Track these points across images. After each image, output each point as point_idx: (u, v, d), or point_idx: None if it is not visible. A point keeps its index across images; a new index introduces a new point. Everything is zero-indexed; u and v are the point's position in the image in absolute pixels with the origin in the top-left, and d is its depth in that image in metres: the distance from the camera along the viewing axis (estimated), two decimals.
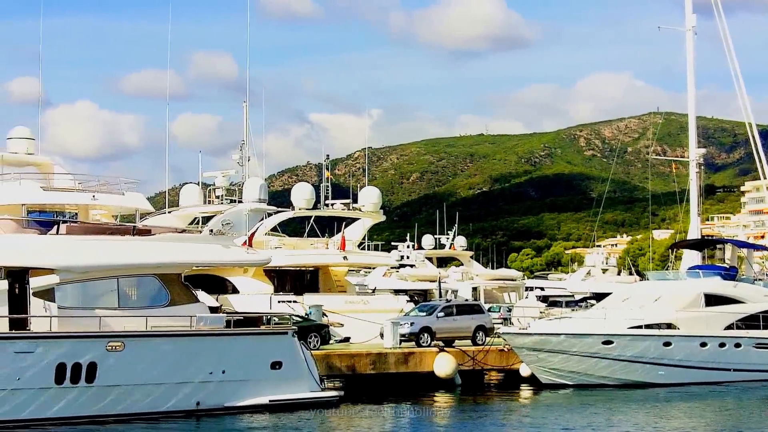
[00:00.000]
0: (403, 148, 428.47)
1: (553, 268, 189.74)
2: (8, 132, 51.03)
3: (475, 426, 38.79)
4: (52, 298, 37.29)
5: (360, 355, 48.60)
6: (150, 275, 39.86)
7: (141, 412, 37.49)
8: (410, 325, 52.96)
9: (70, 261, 37.92)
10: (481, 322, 55.75)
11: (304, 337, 46.83)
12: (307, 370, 41.96)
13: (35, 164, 50.43)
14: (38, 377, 35.56)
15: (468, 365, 51.61)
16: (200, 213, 65.88)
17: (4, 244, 37.60)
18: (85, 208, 45.66)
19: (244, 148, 68.50)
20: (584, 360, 51.49)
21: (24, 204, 41.45)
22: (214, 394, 39.36)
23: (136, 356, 37.59)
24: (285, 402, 40.78)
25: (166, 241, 41.27)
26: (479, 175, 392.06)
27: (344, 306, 59.14)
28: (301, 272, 63.83)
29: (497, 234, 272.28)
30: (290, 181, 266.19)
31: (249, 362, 40.31)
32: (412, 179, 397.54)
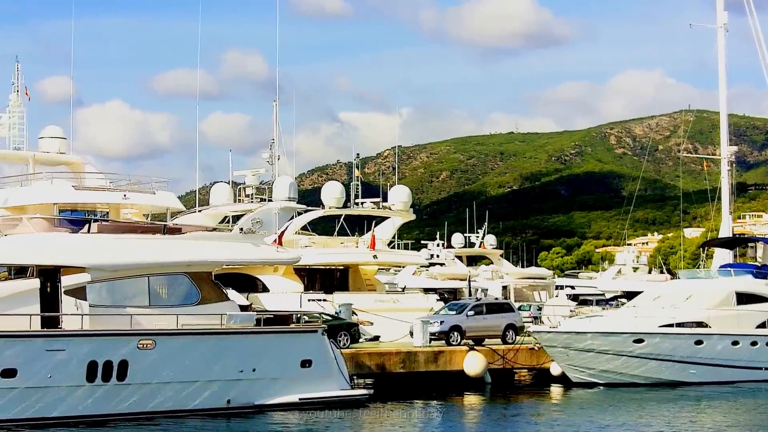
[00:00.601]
0: (433, 146, 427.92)
1: (584, 266, 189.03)
2: (40, 131, 51.38)
3: (505, 425, 38.73)
4: (84, 296, 37.48)
5: (390, 353, 48.61)
6: (180, 274, 40.01)
7: (172, 410, 37.63)
8: (440, 324, 52.94)
9: (102, 260, 38.10)
10: (511, 320, 55.66)
11: (334, 335, 46.89)
12: (337, 369, 42.01)
13: (67, 163, 50.73)
14: (70, 375, 35.76)
15: (498, 364, 51.52)
16: (230, 212, 66.13)
17: (36, 243, 37.82)
18: (116, 207, 45.90)
19: (274, 147, 68.72)
20: (615, 358, 51.31)
21: (56, 203, 41.69)
22: (245, 392, 39.48)
23: (167, 354, 37.74)
24: (315, 400, 40.84)
25: (197, 240, 41.40)
26: (509, 173, 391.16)
27: (374, 304, 59.17)
28: (331, 271, 63.91)
29: (527, 232, 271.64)
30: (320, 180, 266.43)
31: (279, 360, 40.40)
32: (442, 178, 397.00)
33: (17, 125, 49.40)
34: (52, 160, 50.08)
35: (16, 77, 50.01)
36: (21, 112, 49.91)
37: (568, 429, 37.30)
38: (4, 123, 49.69)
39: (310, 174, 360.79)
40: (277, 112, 69.58)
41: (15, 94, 49.95)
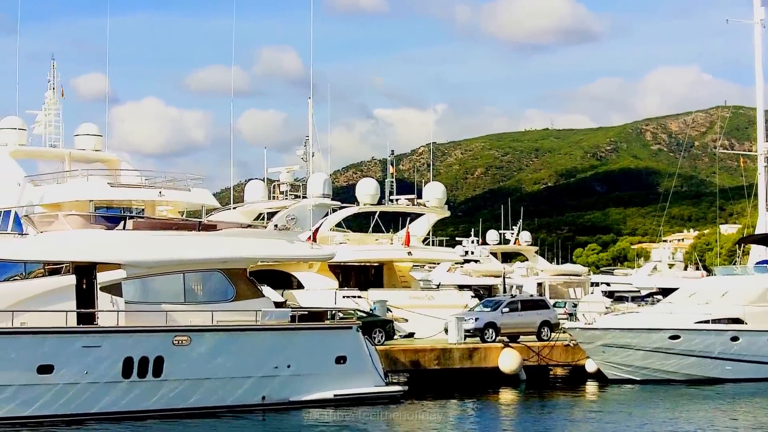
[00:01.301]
0: (467, 143, 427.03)
1: (619, 263, 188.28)
2: (76, 129, 51.67)
3: (540, 422, 38.60)
4: (119, 292, 37.65)
5: (424, 350, 48.57)
6: (215, 270, 40.13)
7: (207, 406, 37.76)
8: (475, 321, 52.85)
9: (137, 256, 38.27)
10: (546, 317, 55.52)
11: (369, 332, 46.90)
12: (372, 365, 42.02)
13: (102, 160, 50.98)
14: (106, 371, 35.94)
15: (533, 361, 51.40)
16: (265, 208, 66.26)
17: (71, 240, 38.02)
18: (151, 204, 46.07)
19: (309, 144, 68.85)
20: (651, 355, 51.08)
21: (91, 200, 41.88)
22: (280, 388, 39.55)
23: (202, 351, 37.86)
24: (349, 397, 40.86)
25: (232, 237, 41.49)
26: (544, 169, 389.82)
27: (409, 301, 59.16)
28: (366, 267, 63.94)
29: (562, 229, 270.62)
30: (355, 177, 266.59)
31: (314, 357, 40.44)
32: (477, 174, 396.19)
33: (53, 123, 49.68)
34: (87, 158, 50.34)
35: (52, 75, 50.29)
36: (57, 110, 50.20)
37: (603, 426, 37.16)
38: (41, 121, 50.00)
39: (344, 171, 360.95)
40: (311, 109, 69.71)
41: (51, 92, 50.25)
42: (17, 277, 36.27)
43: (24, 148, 49.68)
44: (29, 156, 51.32)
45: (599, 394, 48.77)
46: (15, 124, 50.21)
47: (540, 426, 37.40)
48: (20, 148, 49.61)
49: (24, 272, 36.49)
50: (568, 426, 37.94)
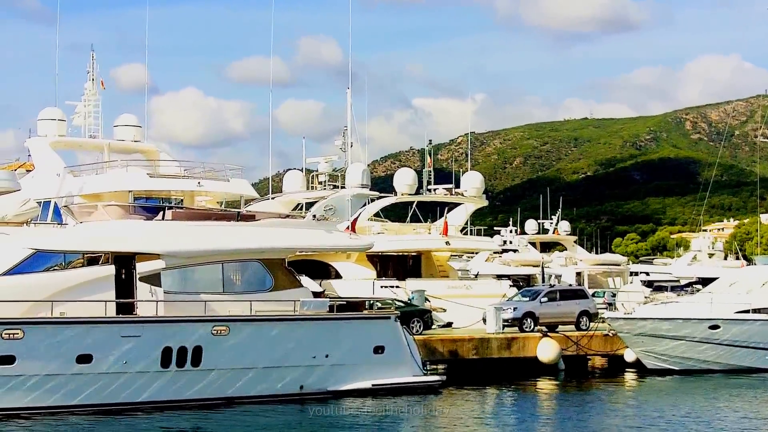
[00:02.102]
0: (506, 132, 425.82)
1: (659, 252, 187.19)
2: (115, 119, 51.91)
3: (578, 412, 38.46)
4: (158, 282, 37.82)
5: (462, 340, 48.52)
6: (254, 260, 40.24)
7: (245, 396, 37.90)
8: (513, 310, 52.73)
9: (176, 246, 38.42)
10: (585, 307, 55.31)
11: (407, 322, 46.91)
12: (410, 355, 42.02)
13: (142, 151, 51.20)
14: (144, 361, 36.12)
15: (571, 350, 51.24)
16: (304, 199, 66.35)
17: (111, 230, 38.22)
18: (190, 195, 46.24)
19: (347, 134, 68.85)
20: (690, 345, 50.78)
21: (131, 191, 42.09)
22: (318, 378, 39.63)
23: (241, 340, 37.98)
24: (388, 386, 40.88)
25: (270, 227, 41.58)
26: (584, 159, 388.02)
27: (447, 291, 59.11)
28: (404, 257, 63.92)
29: (602, 218, 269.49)
30: (393, 167, 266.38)
31: (352, 347, 40.49)
32: (516, 164, 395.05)
33: (93, 114, 49.94)
34: (127, 148, 50.57)
35: (92, 66, 50.54)
36: (96, 101, 50.44)
37: (642, 416, 36.96)
38: (80, 111, 50.26)
39: (383, 161, 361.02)
40: (350, 99, 69.71)
41: (90, 83, 50.50)
42: (57, 267, 36.50)
43: (64, 139, 49.98)
44: (69, 147, 51.63)
45: (638, 384, 48.55)
46: (55, 115, 50.52)
47: (578, 416, 37.25)
48: (60, 139, 49.91)
49: (64, 262, 36.69)
50: (607, 416, 37.73)
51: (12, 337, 34.00)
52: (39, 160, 50.28)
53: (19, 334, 34.10)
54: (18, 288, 35.28)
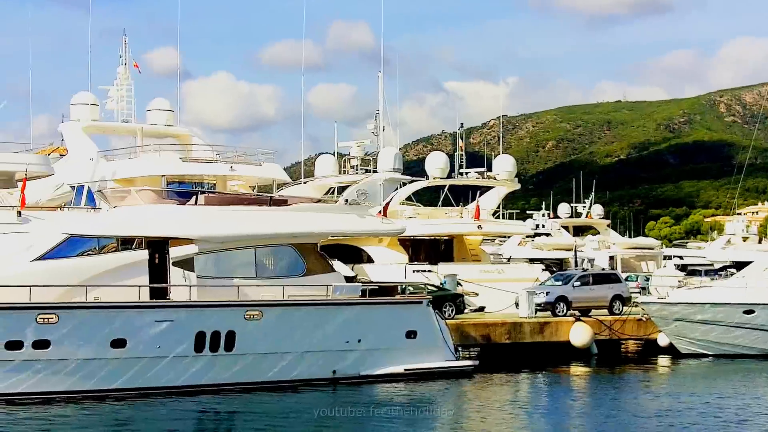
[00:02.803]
0: (538, 115, 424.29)
1: (692, 236, 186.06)
2: (148, 104, 52.04)
3: (611, 396, 38.32)
4: (191, 267, 37.92)
5: (495, 324, 48.44)
6: (286, 245, 40.25)
7: (278, 380, 37.95)
8: (546, 295, 52.59)
9: (209, 231, 38.49)
10: (618, 291, 55.08)
11: (439, 306, 46.87)
12: (442, 340, 41.98)
13: (174, 136, 51.34)
14: (178, 345, 36.24)
15: (604, 335, 51.08)
16: (336, 183, 66.42)
17: (144, 215, 38.34)
18: (222, 179, 46.31)
19: (379, 118, 68.80)
20: (724, 330, 50.48)
21: (163, 175, 42.20)
22: (350, 362, 39.65)
23: (274, 325, 38.03)
24: (420, 371, 40.87)
25: (302, 212, 41.60)
26: (617, 142, 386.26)
27: (479, 275, 59.00)
28: (436, 241, 63.87)
29: (635, 202, 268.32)
30: (425, 151, 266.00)
31: (384, 331, 40.47)
32: (548, 147, 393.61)
33: (125, 98, 50.08)
34: (159, 133, 50.71)
35: (124, 51, 50.65)
36: (129, 85, 50.58)
37: (676, 400, 36.79)
38: (113, 96, 50.41)
39: (414, 144, 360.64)
40: (382, 83, 69.61)
41: (123, 68, 50.62)
42: (91, 252, 36.65)
43: (97, 124, 50.17)
44: (102, 131, 51.84)
45: (671, 368, 48.34)
46: (88, 99, 50.69)
47: (611, 400, 37.12)
48: (93, 124, 50.10)
49: (97, 247, 36.84)
50: (640, 400, 37.60)
51: (47, 321, 34.19)
52: (72, 144, 50.51)
53: (53, 319, 34.28)
54: (52, 273, 35.46)
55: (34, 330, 34.00)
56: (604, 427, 30.98)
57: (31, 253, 35.78)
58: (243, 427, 32.01)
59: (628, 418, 32.95)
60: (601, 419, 32.67)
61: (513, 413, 34.43)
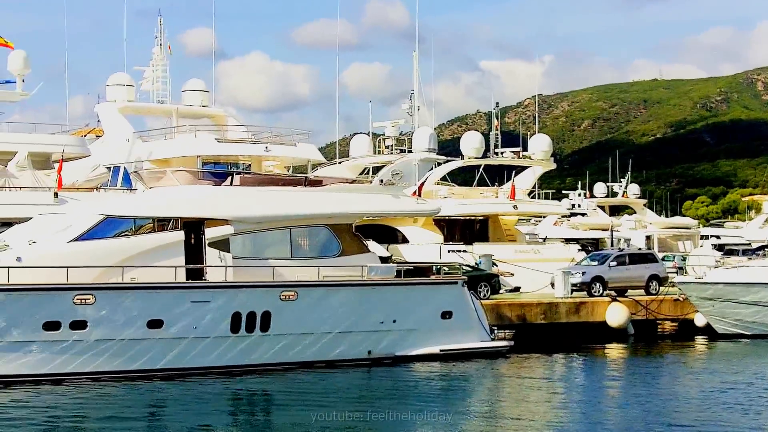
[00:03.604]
0: (574, 94, 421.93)
1: (730, 215, 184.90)
2: (183, 85, 52.24)
3: (648, 376, 38.17)
4: (227, 248, 37.97)
5: (530, 304, 48.35)
6: (321, 225, 40.24)
7: (314, 361, 38.04)
8: (582, 275, 52.40)
9: (244, 212, 38.52)
10: (654, 271, 54.81)
11: (474, 286, 46.80)
12: (477, 320, 41.93)
13: (209, 116, 51.56)
14: (214, 326, 36.36)
15: (641, 315, 50.88)
16: (370, 163, 66.47)
17: (180, 196, 38.43)
18: (258, 160, 46.43)
19: (414, 98, 68.73)
20: (762, 309, 50.13)
21: (199, 156, 42.38)
22: (386, 343, 39.68)
23: (309, 306, 38.10)
24: (455, 351, 40.86)
25: (337, 192, 41.56)
26: (653, 121, 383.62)
27: (514, 255, 58.88)
28: (471, 222, 63.76)
29: (671, 181, 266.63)
30: (460, 130, 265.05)
31: (419, 312, 40.46)
32: (584, 126, 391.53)
33: (161, 79, 50.31)
34: (195, 113, 50.94)
35: (159, 31, 50.87)
36: (164, 66, 50.82)
37: (713, 381, 36.61)
38: (148, 77, 50.67)
39: (449, 124, 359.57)
40: (416, 62, 69.46)
41: (158, 48, 50.87)
42: (127, 233, 36.76)
43: (132, 105, 50.45)
44: (137, 112, 52.14)
45: (708, 349, 48.10)
46: (123, 80, 50.97)
47: (648, 380, 36.97)
48: (129, 105, 50.38)
49: (134, 228, 36.97)
50: (677, 381, 37.44)
51: (84, 302, 34.39)
52: (108, 125, 50.83)
53: (90, 300, 34.47)
54: (89, 253, 35.61)
55: (71, 311, 34.22)
56: (641, 407, 30.83)
57: (68, 234, 35.94)
58: (279, 407, 32.10)
59: (666, 398, 32.77)
60: (637, 399, 32.51)
61: (548, 393, 34.37)
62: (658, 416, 29.05)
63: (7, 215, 41.35)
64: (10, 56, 47.84)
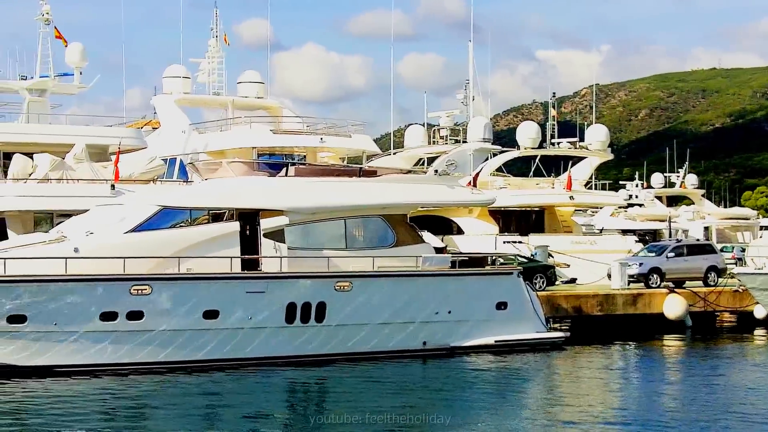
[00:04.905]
0: (631, 84, 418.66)
1: None
2: (239, 76, 52.40)
3: (706, 369, 37.82)
4: (282, 239, 38.03)
5: (587, 296, 48.05)
6: (376, 216, 40.19)
7: (368, 351, 38.04)
8: (639, 266, 51.99)
9: (299, 202, 38.57)
10: (713, 262, 54.25)
11: (530, 277, 46.61)
12: (533, 311, 41.73)
13: (265, 108, 51.69)
14: (269, 317, 36.47)
15: (699, 307, 50.38)
16: (425, 154, 66.42)
17: (235, 187, 38.56)
18: (312, 151, 46.50)
19: (469, 88, 68.60)
20: None
21: (254, 147, 42.50)
22: (440, 334, 39.60)
23: (364, 296, 38.09)
24: (510, 343, 40.70)
25: (392, 182, 41.48)
26: (712, 110, 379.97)
27: (570, 246, 58.54)
28: (527, 212, 63.50)
29: (730, 171, 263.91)
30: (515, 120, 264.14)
31: (474, 303, 40.33)
32: (641, 116, 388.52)
33: (216, 71, 50.51)
34: (250, 105, 51.10)
35: (215, 23, 51.09)
36: (220, 58, 51.02)
37: None
38: (204, 69, 50.89)
39: (505, 114, 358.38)
40: (472, 52, 69.25)
41: (214, 40, 51.07)
42: (183, 224, 36.94)
43: (188, 96, 50.68)
44: (193, 104, 52.41)
45: None
46: (179, 72, 51.22)
47: (707, 373, 36.62)
48: (185, 96, 50.62)
49: (189, 219, 37.13)
50: (736, 374, 37.03)
51: (140, 292, 34.62)
52: (165, 117, 51.14)
53: (147, 290, 34.70)
54: (145, 244, 35.86)
55: (128, 301, 34.48)
56: (702, 400, 30.52)
57: (125, 225, 36.21)
58: (333, 398, 32.18)
59: (727, 391, 32.46)
60: (695, 392, 32.23)
61: (605, 386, 34.14)
62: (719, 409, 28.72)
63: (65, 207, 41.77)
64: (68, 49, 48.31)
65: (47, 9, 47.52)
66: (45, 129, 46.65)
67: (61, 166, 43.92)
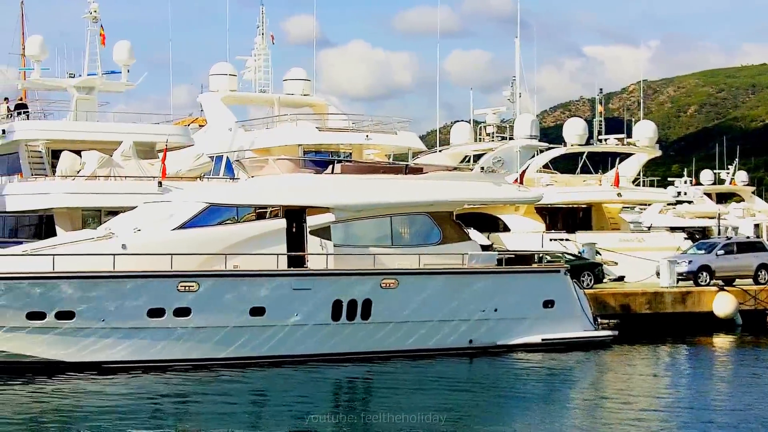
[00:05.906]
0: (680, 79, 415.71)
1: None
2: (285, 74, 52.54)
3: (756, 368, 37.41)
4: (328, 236, 38.01)
5: (635, 294, 47.68)
6: (422, 213, 40.07)
7: (414, 349, 37.92)
8: (688, 264, 51.50)
9: (346, 200, 38.53)
10: (763, 260, 53.58)
11: (577, 275, 46.32)
12: (581, 309, 41.45)
13: (311, 105, 51.77)
14: (315, 314, 36.46)
15: (749, 305, 49.81)
16: (471, 151, 66.29)
17: (282, 184, 38.58)
18: (358, 148, 46.48)
19: (516, 84, 68.39)
20: None
21: (300, 144, 42.56)
22: (487, 332, 39.40)
23: (410, 294, 37.98)
24: (558, 341, 40.45)
25: (438, 180, 41.34)
26: (762, 106, 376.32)
27: (618, 244, 58.10)
28: (574, 210, 63.11)
29: None
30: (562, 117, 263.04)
31: (521, 301, 40.11)
32: (690, 112, 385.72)
33: (262, 68, 50.64)
34: (296, 102, 51.19)
35: (261, 20, 51.23)
36: (266, 55, 51.16)
37: None
38: (250, 66, 51.04)
39: (552, 111, 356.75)
40: (518, 48, 68.99)
41: (260, 38, 51.22)
42: (230, 221, 37.02)
43: (234, 94, 50.87)
44: (239, 102, 52.61)
45: None
46: (226, 70, 51.45)
47: (759, 372, 36.22)
48: (231, 94, 50.81)
49: (236, 216, 37.20)
50: None
51: (188, 289, 34.71)
52: (211, 115, 51.37)
53: (194, 287, 34.79)
54: (192, 241, 35.94)
55: (175, 298, 34.59)
56: (749, 398, 30.17)
57: (172, 222, 36.34)
58: (379, 395, 32.09)
59: None
60: (745, 390, 31.87)
61: (653, 385, 33.85)
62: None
63: (113, 204, 42.06)
64: (116, 47, 48.63)
65: (95, 7, 47.83)
66: (93, 126, 47.01)
67: (108, 163, 44.21)
